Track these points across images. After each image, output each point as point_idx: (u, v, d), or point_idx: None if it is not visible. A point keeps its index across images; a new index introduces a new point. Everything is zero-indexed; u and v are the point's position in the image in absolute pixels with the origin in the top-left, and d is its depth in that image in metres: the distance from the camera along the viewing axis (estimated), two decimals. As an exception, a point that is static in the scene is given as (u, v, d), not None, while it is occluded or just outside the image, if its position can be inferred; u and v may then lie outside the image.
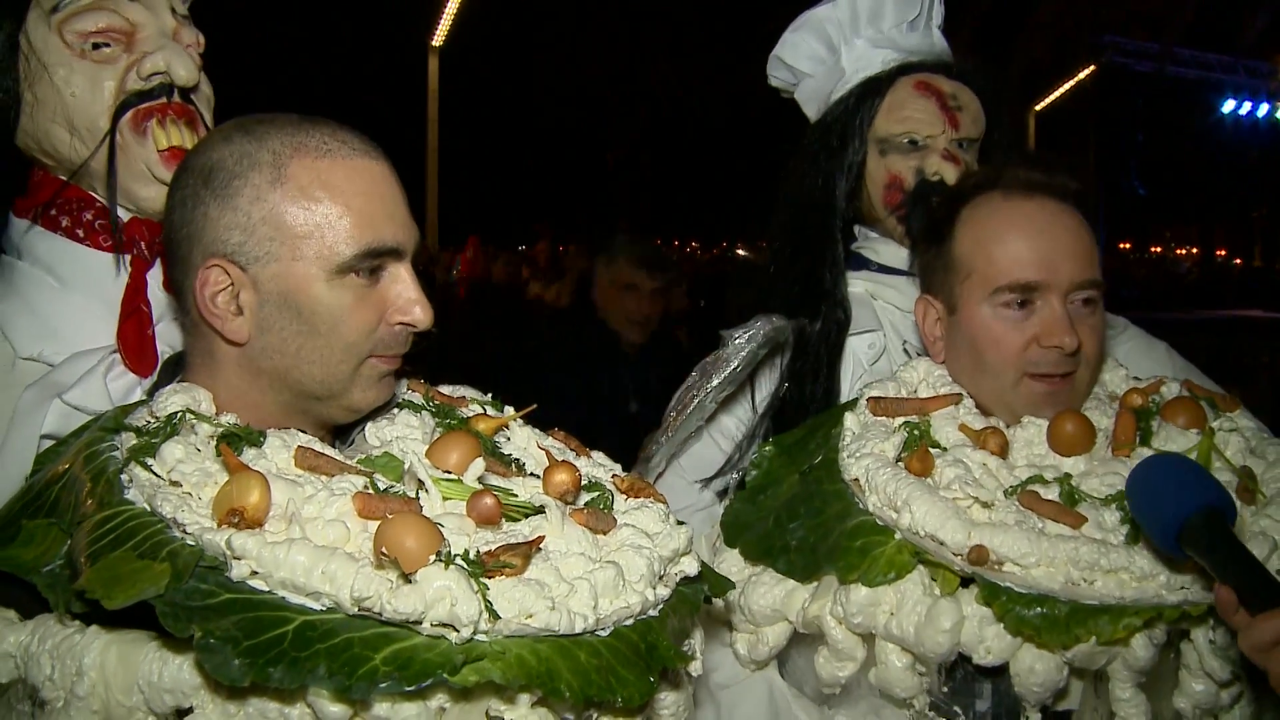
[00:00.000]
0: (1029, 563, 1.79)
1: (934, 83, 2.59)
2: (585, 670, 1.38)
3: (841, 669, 1.96)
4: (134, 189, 2.06)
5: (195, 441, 1.57)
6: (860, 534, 1.94)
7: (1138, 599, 1.76)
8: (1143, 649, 1.77)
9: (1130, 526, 1.83)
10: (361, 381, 1.69)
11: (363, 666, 1.28)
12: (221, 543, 1.36)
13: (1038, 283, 2.05)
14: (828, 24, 2.71)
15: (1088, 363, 2.09)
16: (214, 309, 1.63)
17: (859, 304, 2.62)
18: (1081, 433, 2.02)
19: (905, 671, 1.89)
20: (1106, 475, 1.93)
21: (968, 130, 2.57)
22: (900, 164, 2.56)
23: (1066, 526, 1.85)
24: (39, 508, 1.58)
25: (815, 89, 2.76)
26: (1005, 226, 2.09)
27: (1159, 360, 2.55)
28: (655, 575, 1.56)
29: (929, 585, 1.87)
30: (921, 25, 2.71)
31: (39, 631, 1.44)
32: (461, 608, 1.33)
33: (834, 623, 1.94)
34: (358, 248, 1.62)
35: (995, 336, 2.09)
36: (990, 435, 2.03)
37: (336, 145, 1.66)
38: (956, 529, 1.83)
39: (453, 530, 1.45)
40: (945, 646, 1.82)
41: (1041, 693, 1.81)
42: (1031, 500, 1.89)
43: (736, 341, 2.39)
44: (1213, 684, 1.82)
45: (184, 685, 1.35)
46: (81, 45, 2.02)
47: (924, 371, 2.21)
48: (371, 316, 1.66)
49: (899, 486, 1.92)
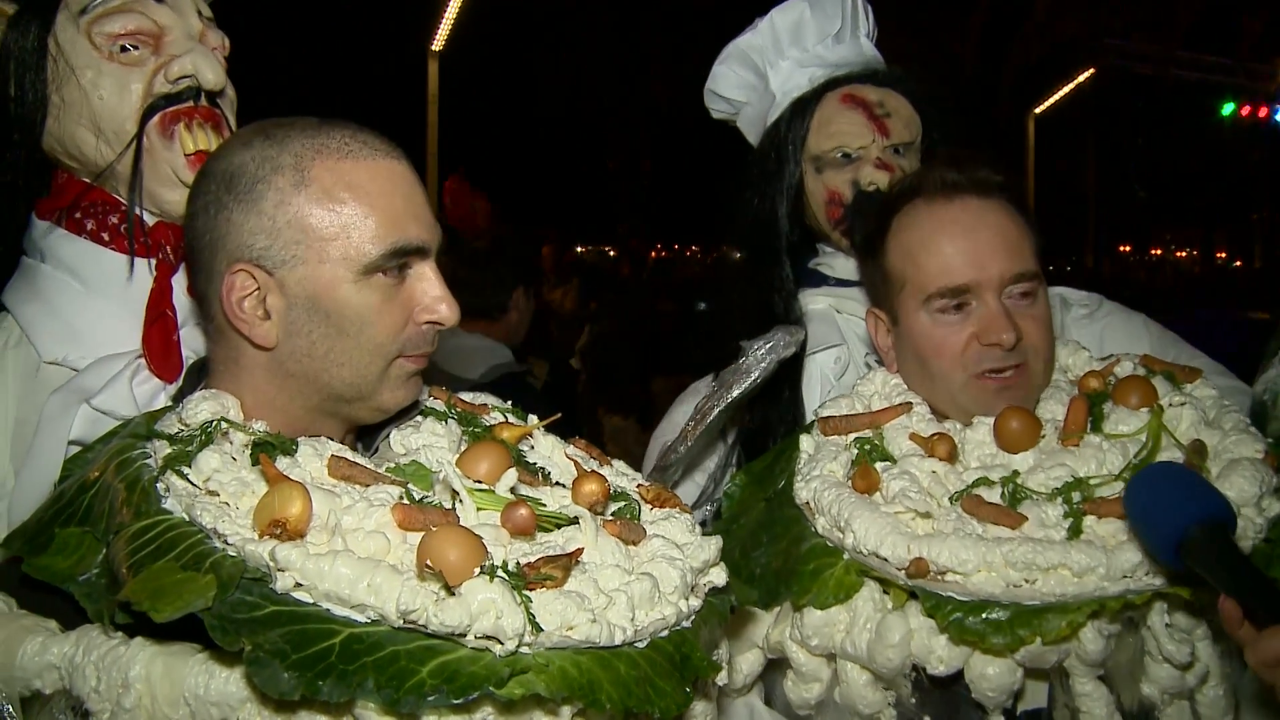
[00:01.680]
0: (968, 569, 1.79)
1: (859, 93, 2.59)
2: (625, 682, 1.39)
3: (809, 691, 1.97)
4: (160, 193, 2.06)
5: (230, 450, 1.57)
6: (812, 557, 1.95)
7: (1079, 594, 1.75)
8: (1093, 642, 1.76)
9: (1073, 519, 1.83)
10: (390, 382, 1.69)
11: (410, 679, 1.29)
12: (265, 554, 1.36)
13: (968, 284, 2.05)
14: (751, 51, 2.72)
15: (1036, 353, 2.08)
16: (241, 314, 1.63)
17: (821, 320, 2.63)
18: (1025, 428, 2.01)
19: (867, 688, 1.89)
20: (1053, 468, 1.92)
21: (900, 135, 2.57)
22: (836, 179, 2.57)
23: (1006, 528, 1.85)
24: (71, 515, 1.57)
25: (753, 116, 2.78)
26: (929, 233, 2.10)
27: (1136, 332, 2.56)
28: (688, 586, 1.57)
29: (879, 600, 1.88)
30: (847, 37, 2.71)
31: (83, 643, 1.44)
32: (506, 620, 1.33)
33: (795, 646, 1.96)
34: (384, 247, 1.62)
35: (936, 343, 2.10)
36: (938, 442, 2.03)
37: (358, 146, 1.66)
38: (896, 543, 1.84)
39: (488, 541, 1.45)
40: (896, 661, 1.82)
41: (998, 696, 1.81)
42: (973, 505, 1.89)
43: (757, 353, 2.38)
44: (1174, 669, 1.81)
45: (231, 698, 1.35)
46: (109, 47, 2.02)
47: (880, 383, 2.22)
48: (399, 316, 1.66)
49: (842, 506, 1.93)
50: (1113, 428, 2.00)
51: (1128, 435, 1.98)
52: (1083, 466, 1.92)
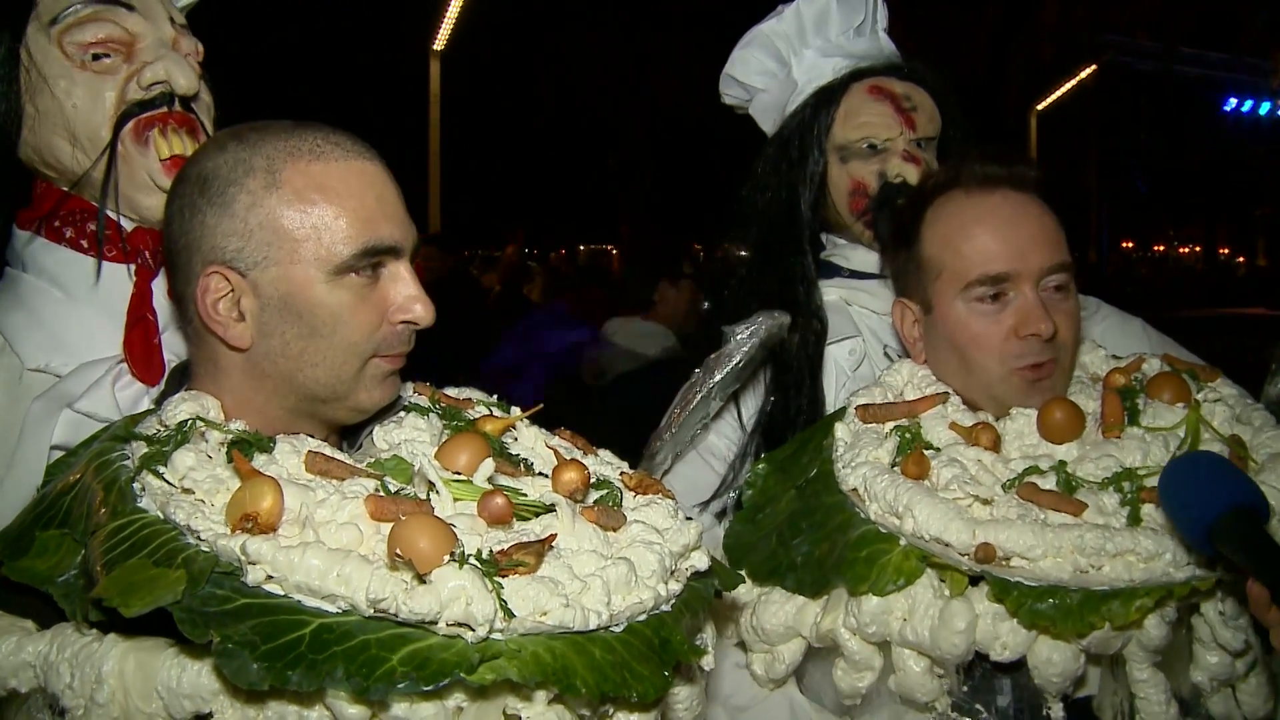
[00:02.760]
0: (1036, 555, 1.79)
1: (887, 86, 2.59)
2: (600, 666, 1.39)
3: (860, 679, 1.96)
4: (137, 198, 2.07)
5: (206, 449, 1.58)
6: (865, 544, 1.94)
7: (1146, 579, 1.76)
8: (1156, 628, 1.77)
9: (1130, 508, 1.84)
10: (366, 382, 1.70)
11: (380, 667, 1.29)
12: (236, 548, 1.37)
13: (1008, 273, 2.06)
14: (775, 38, 2.72)
15: (1066, 347, 2.10)
16: (216, 316, 1.64)
17: (835, 311, 2.63)
18: (1071, 419, 2.02)
19: (924, 675, 1.88)
20: (1100, 459, 1.93)
21: (924, 129, 2.58)
22: (862, 169, 2.57)
23: (1068, 515, 1.85)
24: (51, 518, 1.58)
25: (769, 103, 2.77)
26: (970, 221, 2.11)
27: (1135, 336, 2.56)
28: (667, 570, 1.57)
29: (939, 587, 1.87)
30: (868, 30, 2.72)
31: (57, 640, 1.44)
32: (477, 607, 1.33)
33: (848, 634, 1.94)
34: (356, 247, 1.63)
35: (974, 333, 2.10)
36: (982, 431, 2.03)
37: (330, 148, 1.67)
38: (961, 529, 1.83)
39: (464, 531, 1.45)
40: (961, 647, 1.81)
41: (1061, 682, 1.81)
42: (1031, 492, 1.89)
43: (739, 337, 2.39)
44: (1227, 655, 1.83)
45: (203, 690, 1.36)
46: (81, 56, 2.03)
47: (908, 374, 2.22)
48: (373, 316, 1.67)
49: (899, 492, 1.92)
50: (1151, 421, 2.01)
51: (1167, 428, 1.99)
52: (1129, 457, 1.93)
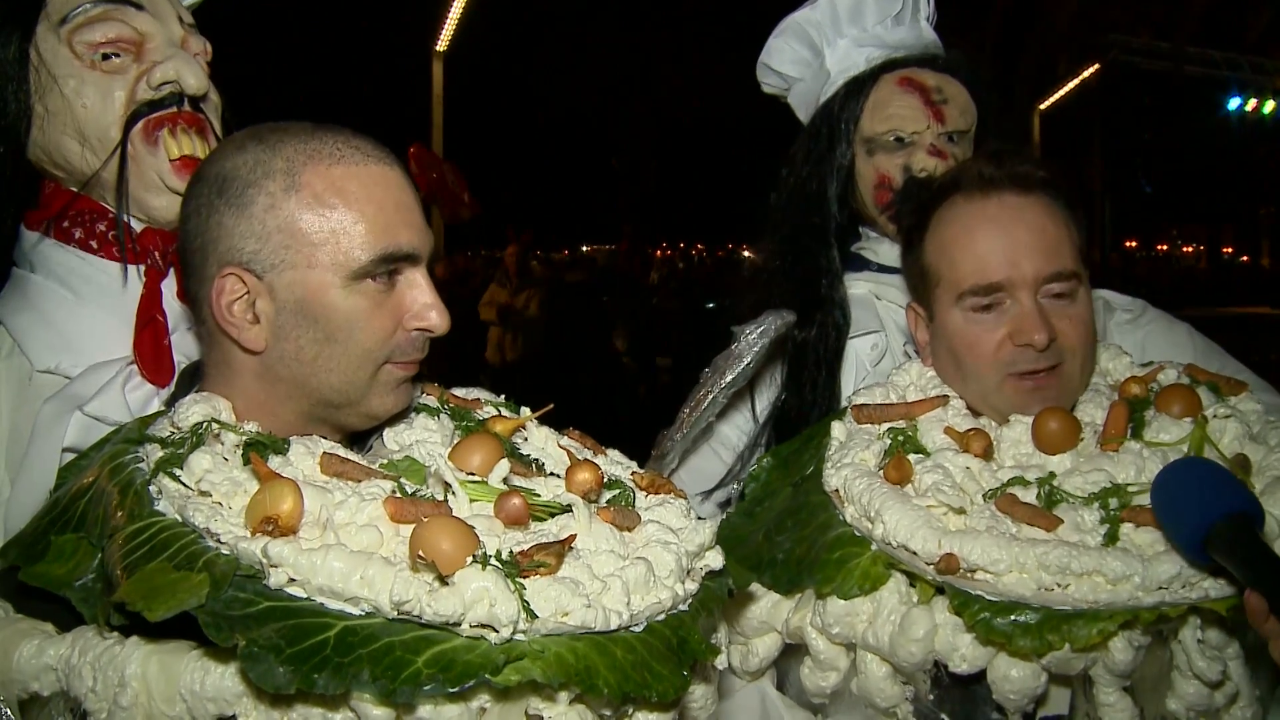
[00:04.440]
0: (1000, 569, 1.75)
1: (917, 77, 2.56)
2: (622, 666, 1.39)
3: (825, 679, 1.95)
4: (146, 199, 2.07)
5: (222, 451, 1.58)
6: (839, 546, 1.93)
7: (1111, 602, 1.71)
8: (1122, 652, 1.72)
9: (1109, 526, 1.80)
10: (379, 388, 1.69)
11: (406, 670, 1.29)
12: (257, 551, 1.36)
13: (1001, 282, 2.02)
14: (809, 26, 2.69)
15: (1073, 354, 2.05)
16: (230, 318, 1.63)
17: (861, 305, 2.61)
18: (1065, 430, 1.98)
19: (886, 680, 1.87)
20: (1090, 473, 1.89)
21: (955, 123, 2.54)
22: (887, 162, 2.55)
23: (1041, 530, 1.81)
24: (66, 522, 1.58)
25: (805, 92, 2.75)
26: (964, 229, 2.08)
27: (1179, 342, 2.51)
28: (683, 570, 1.57)
29: (906, 593, 1.86)
30: (907, 19, 2.67)
31: (79, 644, 1.44)
32: (500, 608, 1.33)
33: (815, 633, 1.94)
34: (373, 253, 1.62)
35: (970, 341, 2.07)
36: (973, 438, 2.00)
37: (350, 152, 1.66)
38: (927, 538, 1.81)
39: (482, 532, 1.45)
40: (918, 655, 1.80)
41: (1019, 700, 1.78)
42: (1008, 504, 1.86)
43: (749, 337, 2.39)
44: (1203, 686, 1.77)
45: (227, 694, 1.35)
46: (91, 56, 2.02)
47: (915, 375, 2.20)
48: (388, 322, 1.66)
49: (873, 497, 1.91)
50: (1154, 435, 1.96)
51: (1169, 444, 1.93)
52: (1121, 473, 1.88)
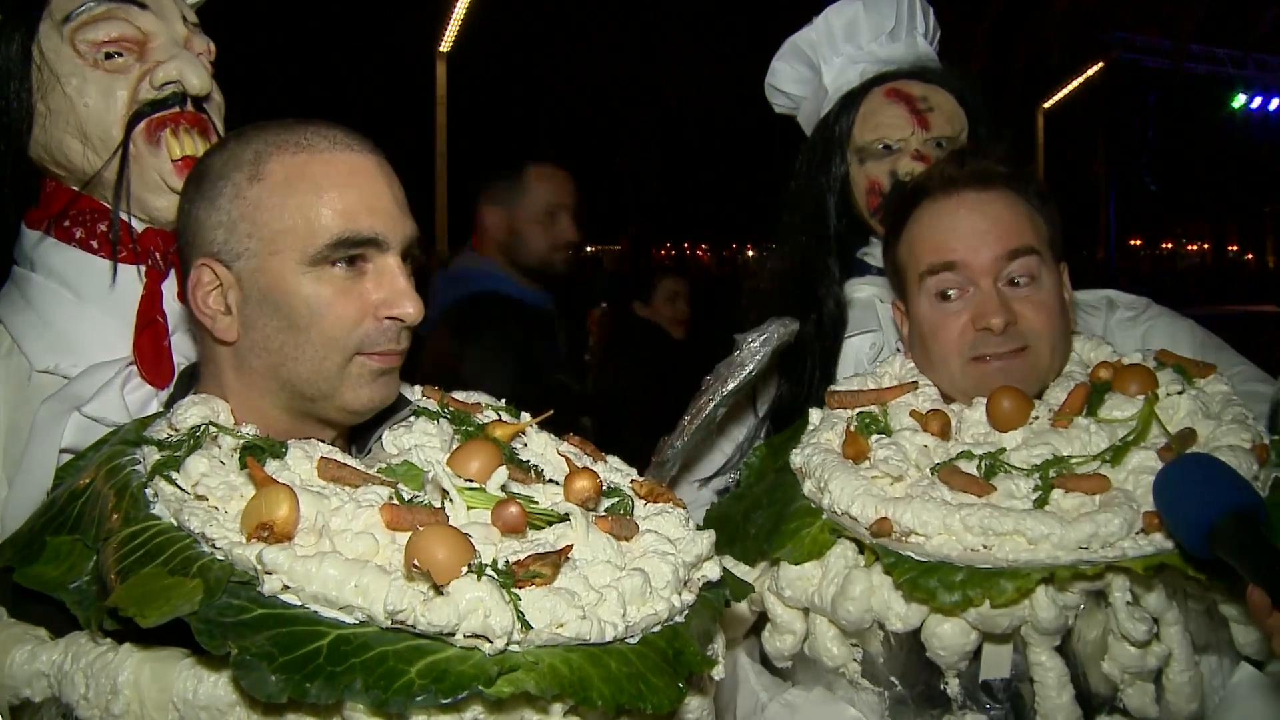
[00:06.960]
0: (930, 531, 1.84)
1: (903, 88, 2.67)
2: (616, 678, 1.38)
3: (783, 642, 2.04)
4: (148, 199, 2.06)
5: (219, 454, 1.57)
6: (796, 517, 2.04)
7: (1030, 560, 1.78)
8: (1045, 609, 1.78)
9: (1040, 493, 1.87)
10: (351, 380, 1.69)
11: (399, 680, 1.28)
12: (252, 557, 1.36)
13: (955, 261, 2.12)
14: (806, 47, 2.83)
15: (1039, 336, 2.12)
16: (205, 309, 1.66)
17: (863, 307, 2.71)
18: (1016, 407, 2.05)
19: (834, 642, 1.96)
20: (1037, 446, 1.97)
21: (941, 129, 2.64)
22: (876, 169, 2.65)
23: (973, 495, 1.89)
24: (62, 524, 1.57)
25: (809, 110, 2.88)
26: (928, 225, 2.19)
27: (1180, 336, 2.57)
28: (680, 581, 1.57)
29: (853, 559, 1.95)
30: (902, 35, 2.80)
31: (71, 650, 1.44)
32: (495, 619, 1.33)
33: (773, 598, 2.04)
34: (330, 237, 1.63)
35: (935, 326, 2.17)
36: (932, 418, 2.10)
37: (319, 140, 1.67)
38: (866, 504, 1.91)
39: (479, 539, 1.45)
40: (855, 614, 1.88)
41: (949, 656, 1.85)
42: (948, 474, 1.95)
43: (752, 345, 2.45)
44: (1131, 646, 1.81)
45: (219, 702, 1.35)
46: (94, 55, 2.02)
47: (896, 367, 2.30)
48: (353, 310, 1.66)
49: (825, 470, 2.01)
50: (1108, 412, 2.05)
51: (1120, 420, 2.01)
52: (1066, 446, 1.96)
